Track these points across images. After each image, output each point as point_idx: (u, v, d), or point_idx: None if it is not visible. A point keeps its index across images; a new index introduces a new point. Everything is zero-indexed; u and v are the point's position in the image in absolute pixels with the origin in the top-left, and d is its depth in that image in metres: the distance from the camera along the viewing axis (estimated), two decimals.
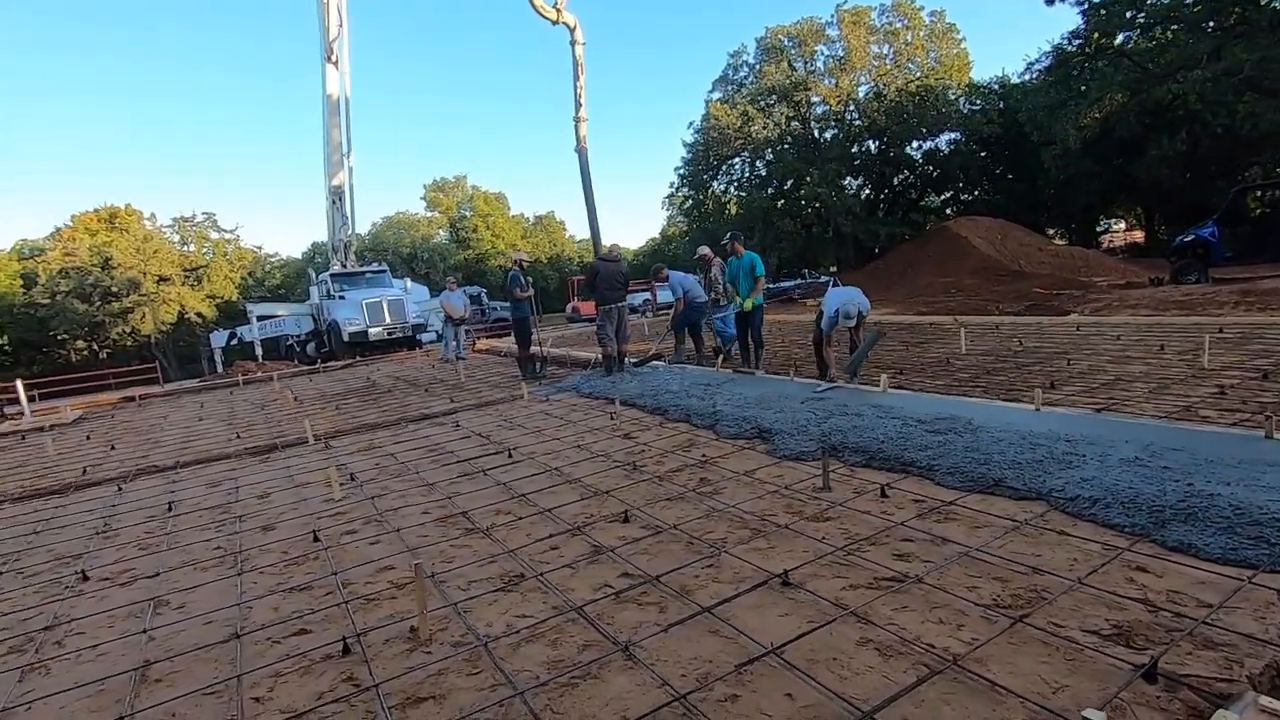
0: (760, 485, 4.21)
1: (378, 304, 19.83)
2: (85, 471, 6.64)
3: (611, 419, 6.51)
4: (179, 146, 78.42)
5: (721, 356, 8.83)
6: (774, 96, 27.38)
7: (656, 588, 3.00)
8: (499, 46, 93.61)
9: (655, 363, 9.12)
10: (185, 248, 39.70)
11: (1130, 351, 7.56)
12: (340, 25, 19.44)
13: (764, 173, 29.69)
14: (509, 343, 14.78)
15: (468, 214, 50.93)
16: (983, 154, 29.44)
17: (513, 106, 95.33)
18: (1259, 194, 17.39)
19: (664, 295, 31.92)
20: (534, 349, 10.18)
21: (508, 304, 11.58)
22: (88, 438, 8.73)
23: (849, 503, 3.77)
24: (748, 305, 8.23)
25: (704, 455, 4.98)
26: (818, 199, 25.16)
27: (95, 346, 36.71)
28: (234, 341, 25.34)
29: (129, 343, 36.27)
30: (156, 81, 73.83)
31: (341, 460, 6.02)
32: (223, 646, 2.87)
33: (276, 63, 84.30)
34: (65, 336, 35.36)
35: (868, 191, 31.41)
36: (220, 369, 25.02)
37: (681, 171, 30.66)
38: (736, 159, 29.53)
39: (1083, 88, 18.93)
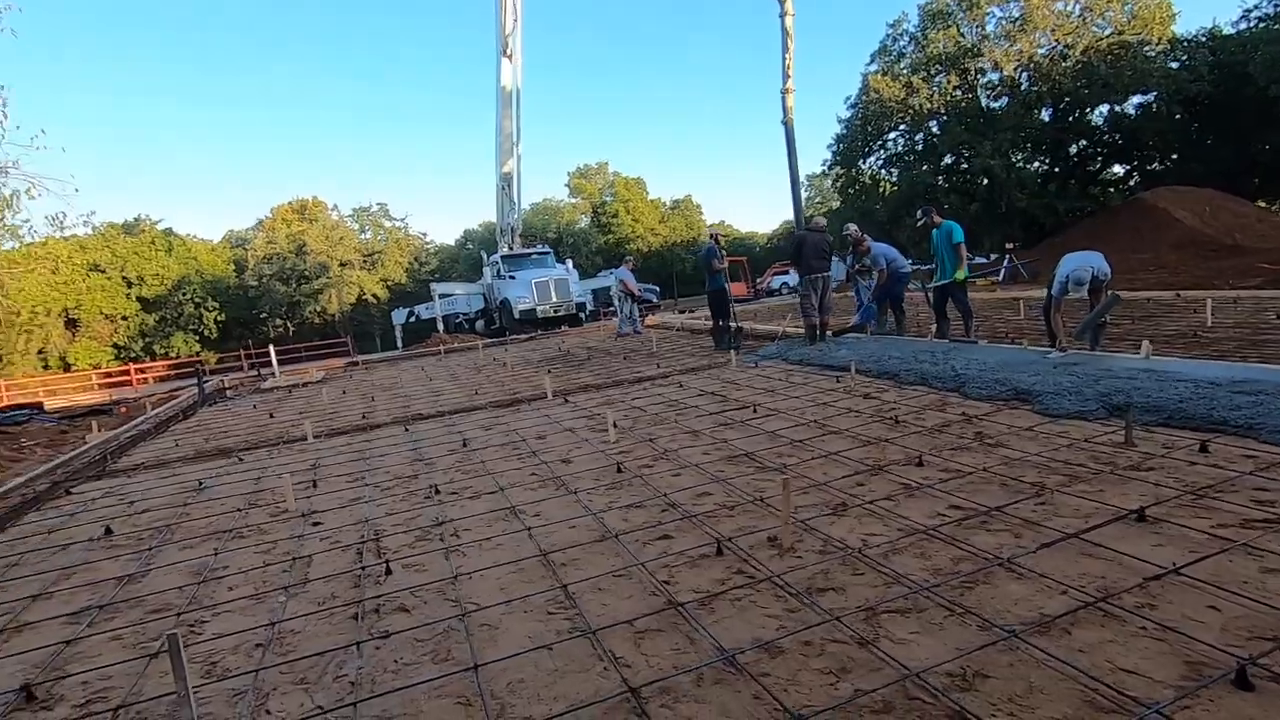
0: (1048, 440, 4.19)
1: (545, 283, 21.02)
2: (364, 416, 7.70)
3: (837, 381, 6.64)
4: (352, 143, 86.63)
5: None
6: (939, 65, 25.87)
7: (996, 518, 3.12)
8: (640, 35, 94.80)
9: (855, 335, 9.10)
10: (363, 235, 43.92)
11: None
12: (515, 20, 20.62)
13: (921, 148, 28.22)
14: (680, 317, 15.23)
15: (609, 199, 52.36)
16: (1180, 116, 26.19)
17: (653, 93, 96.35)
18: None
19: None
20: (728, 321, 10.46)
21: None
22: (344, 392, 10.06)
23: (1165, 456, 3.69)
24: (960, 276, 8.01)
25: (964, 413, 4.99)
26: (987, 172, 23.56)
27: (290, 324, 41.67)
28: (412, 319, 27.78)
29: (317, 320, 40.79)
30: (329, 85, 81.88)
31: (590, 411, 6.59)
32: (601, 544, 3.34)
33: (437, 61, 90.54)
34: (267, 315, 40.39)
35: (1039, 163, 28.97)
36: (400, 344, 27.58)
37: (834, 149, 29.79)
38: (893, 134, 28.27)
39: None
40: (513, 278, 21.84)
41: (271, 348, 13.29)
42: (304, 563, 3.53)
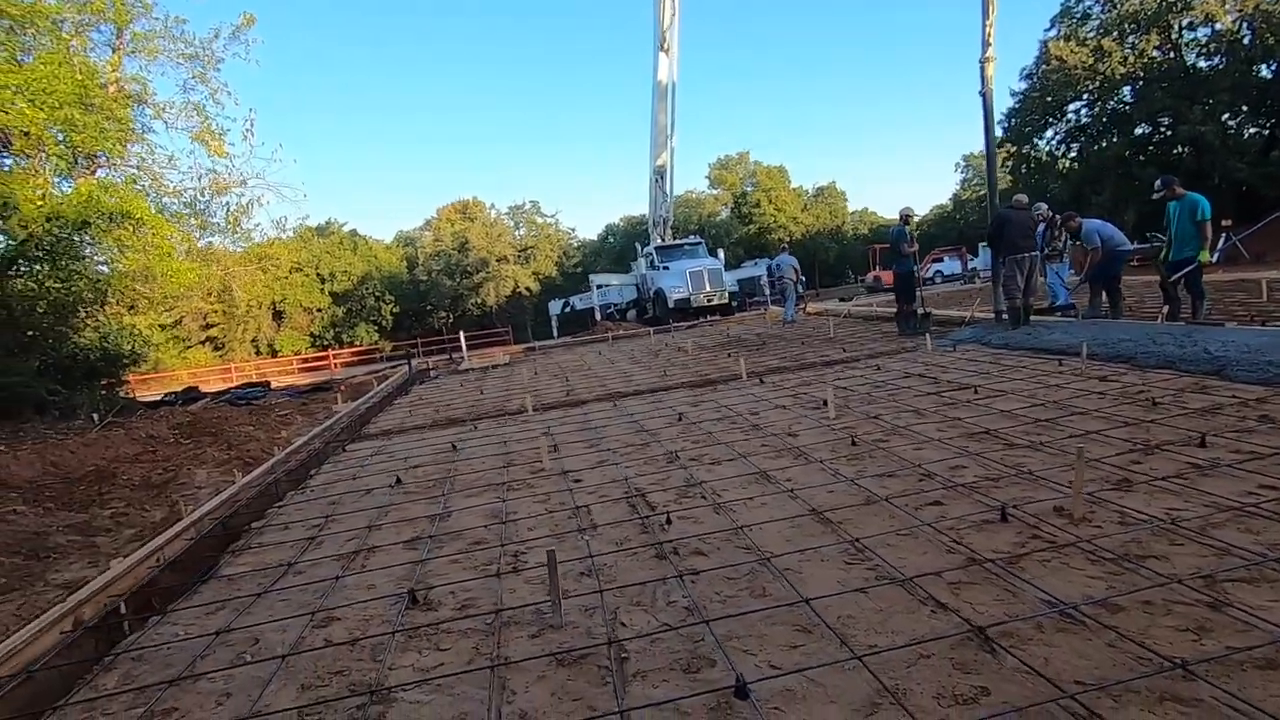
0: None
1: (700, 273, 21.30)
2: (568, 393, 8.31)
3: (1060, 364, 6.28)
4: (507, 145, 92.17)
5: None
6: (1134, 24, 23.17)
7: None
8: (779, 25, 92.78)
9: (1063, 318, 8.51)
10: (517, 232, 46.67)
11: None
12: (673, 14, 20.98)
13: (1107, 119, 25.40)
14: (845, 305, 14.92)
15: (749, 189, 51.83)
16: None
17: (791, 79, 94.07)
18: None
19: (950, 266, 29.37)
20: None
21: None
22: (535, 373, 10.87)
23: None
24: (1205, 258, 7.24)
25: (1235, 396, 4.58)
26: (1194, 141, 20.81)
27: (451, 315, 45.17)
28: (567, 309, 29.20)
29: (475, 312, 43.86)
30: (485, 90, 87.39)
31: (792, 390, 6.70)
32: (868, 507, 3.46)
33: (579, 64, 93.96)
34: (433, 307, 44.05)
35: (1257, 129, 25.12)
36: (555, 332, 29.07)
37: (1005, 125, 27.59)
38: (1075, 105, 25.72)
39: None
40: (666, 268, 22.33)
41: (462, 335, 14.64)
42: (584, 511, 3.95)
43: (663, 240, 24.44)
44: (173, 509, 5.28)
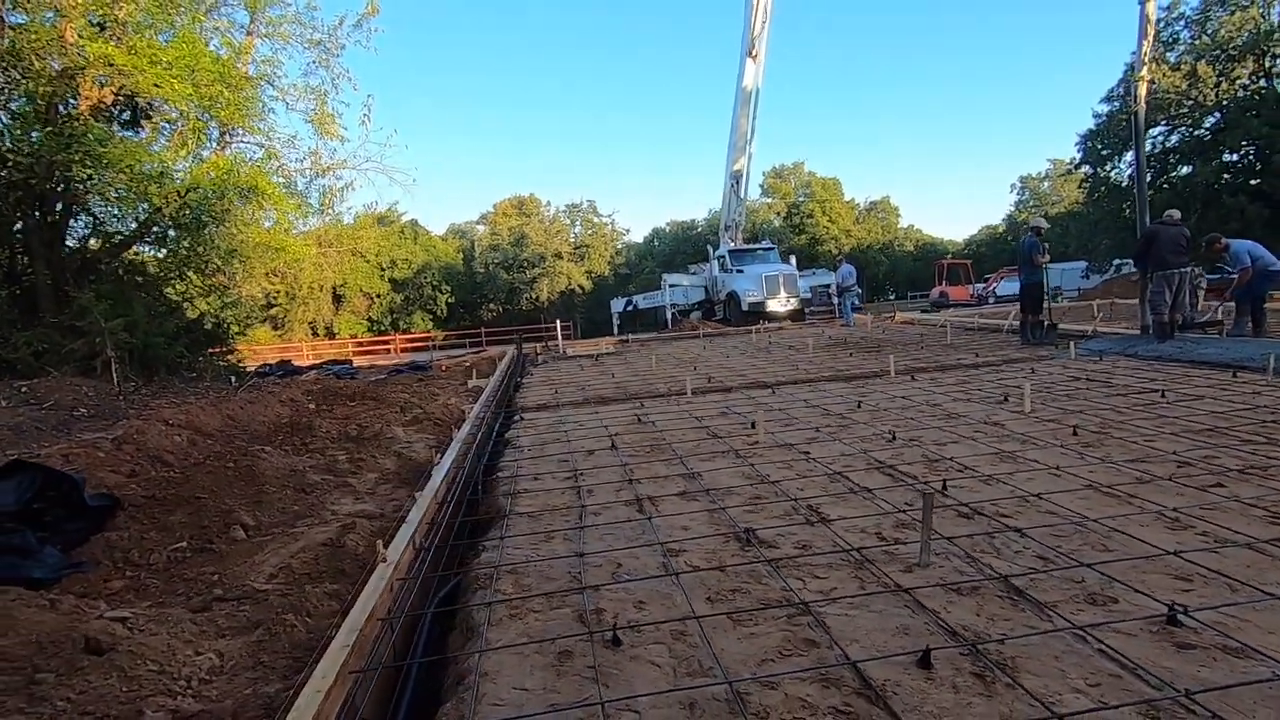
0: None
1: (775, 278, 21.49)
2: (709, 380, 8.57)
3: (1234, 376, 6.38)
4: (560, 143, 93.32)
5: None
6: (1231, 50, 22.86)
7: None
8: (834, 38, 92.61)
9: (1207, 332, 8.57)
10: (574, 230, 47.30)
11: None
12: (765, 21, 21.26)
13: (1190, 145, 24.99)
14: (924, 316, 14.99)
15: (803, 199, 51.86)
16: None
17: (843, 93, 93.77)
18: None
19: (1008, 287, 29.13)
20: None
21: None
22: (656, 361, 11.15)
23: None
24: None
25: None
26: None
27: (502, 308, 45.90)
28: (629, 307, 29.54)
29: (527, 307, 44.50)
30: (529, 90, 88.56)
31: (953, 387, 6.89)
32: (1148, 485, 3.65)
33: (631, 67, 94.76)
34: (486, 299, 44.81)
35: None
36: (616, 330, 29.43)
37: (1082, 146, 27.35)
38: (1158, 129, 25.39)
39: None
40: (740, 271, 22.55)
41: (559, 324, 15.05)
42: (840, 477, 4.20)
43: (734, 244, 24.67)
44: (399, 457, 5.65)
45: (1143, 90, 8.57)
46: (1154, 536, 3.00)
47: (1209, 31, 23.54)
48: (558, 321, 15.00)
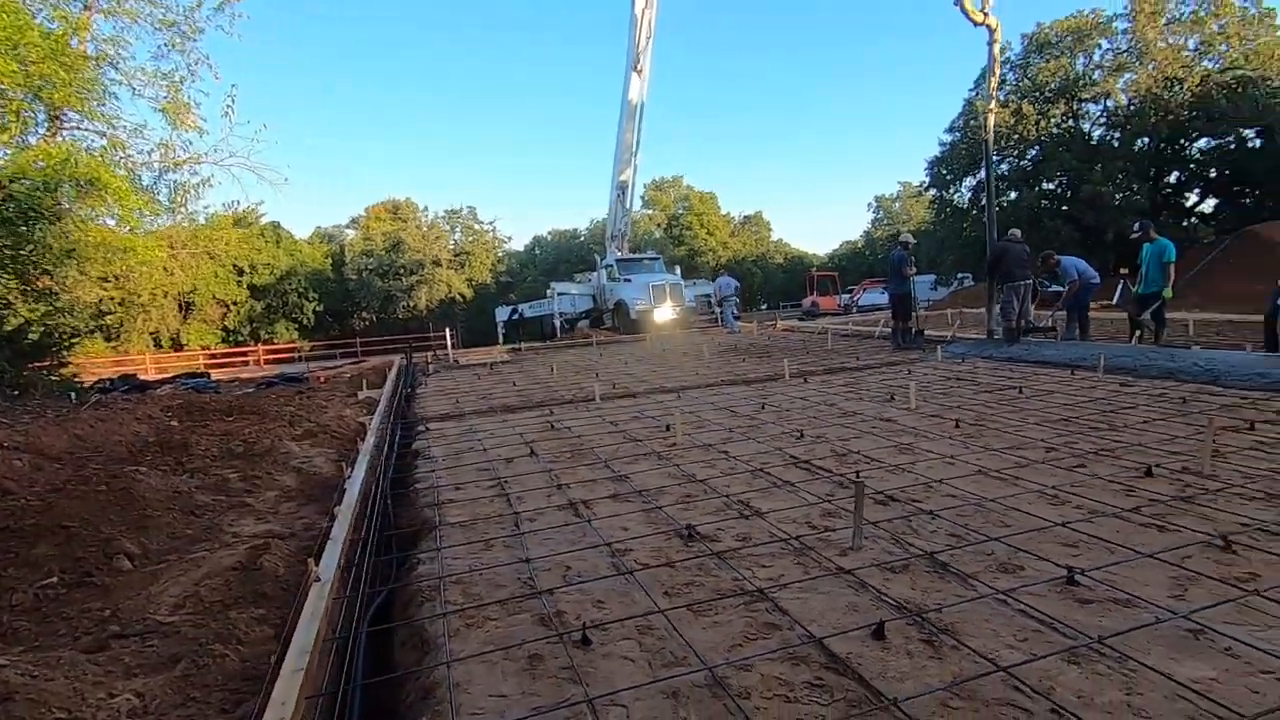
0: None
1: (662, 287, 21.98)
2: (614, 386, 8.66)
3: (1072, 374, 7.35)
4: (436, 148, 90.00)
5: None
6: (1047, 93, 26.28)
7: None
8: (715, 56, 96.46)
9: (1042, 338, 9.77)
10: (454, 237, 45.82)
11: None
12: (649, 36, 21.79)
13: (1016, 175, 28.44)
14: (803, 324, 15.97)
15: (681, 212, 53.47)
16: None
17: (717, 110, 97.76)
18: None
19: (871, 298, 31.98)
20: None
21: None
22: (553, 369, 11.07)
23: None
24: (1168, 294, 8.65)
25: (1242, 398, 5.68)
26: (1095, 200, 23.83)
27: (376, 317, 43.56)
28: (515, 316, 29.03)
29: (403, 315, 42.53)
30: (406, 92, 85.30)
31: (841, 389, 7.42)
32: (1040, 466, 4.15)
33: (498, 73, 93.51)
34: (358, 307, 42.37)
35: (1127, 192, 28.93)
36: (501, 339, 28.85)
37: (930, 171, 30.29)
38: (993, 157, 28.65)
39: None
40: (628, 280, 22.86)
41: (449, 333, 14.53)
42: (763, 473, 4.41)
43: (621, 253, 24.99)
44: (299, 473, 5.27)
45: (991, 121, 9.72)
46: (1041, 511, 3.42)
47: (1030, 75, 26.92)
48: (448, 330, 14.52)
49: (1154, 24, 24.30)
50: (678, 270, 25.17)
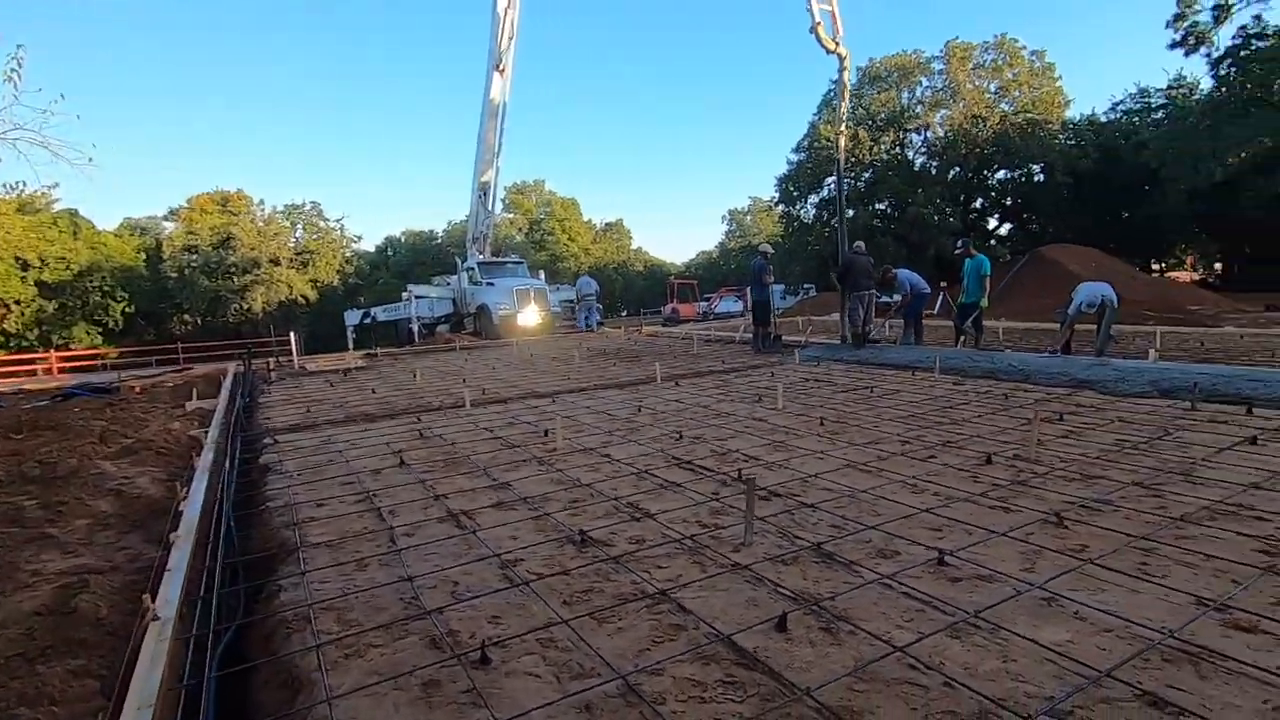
0: (1129, 409, 5.74)
1: (526, 291, 21.60)
2: (484, 392, 8.36)
3: (913, 374, 8.10)
4: (273, 137, 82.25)
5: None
6: (879, 121, 29.07)
7: (1148, 448, 4.56)
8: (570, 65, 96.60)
9: (876, 343, 10.71)
10: (295, 234, 42.17)
11: None
12: (511, 37, 21.41)
13: (855, 194, 31.18)
14: (666, 329, 16.41)
15: (543, 217, 53.09)
16: (1066, 185, 30.70)
17: (581, 118, 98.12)
18: None
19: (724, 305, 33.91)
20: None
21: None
22: (415, 375, 10.46)
23: (1223, 419, 5.30)
24: (984, 303, 9.81)
25: (1048, 393, 6.54)
26: (919, 220, 26.71)
27: (200, 321, 39.12)
28: (368, 320, 27.24)
29: (237, 319, 38.58)
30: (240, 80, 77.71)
31: (713, 391, 7.66)
32: (897, 458, 4.48)
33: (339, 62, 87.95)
34: (180, 309, 37.82)
35: (943, 215, 32.81)
36: (351, 345, 26.98)
37: (779, 188, 32.38)
38: (832, 179, 31.20)
39: (1218, 132, 20.27)
40: (491, 284, 22.24)
41: (293, 337, 13.26)
42: (648, 475, 4.42)
43: (483, 256, 24.29)
44: (119, 496, 4.53)
45: (843, 142, 10.55)
46: (906, 499, 3.69)
47: (864, 104, 29.63)
48: (292, 335, 13.28)
49: (964, 68, 27.70)
50: (541, 275, 24.90)
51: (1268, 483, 3.66)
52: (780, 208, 33.42)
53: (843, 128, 10.58)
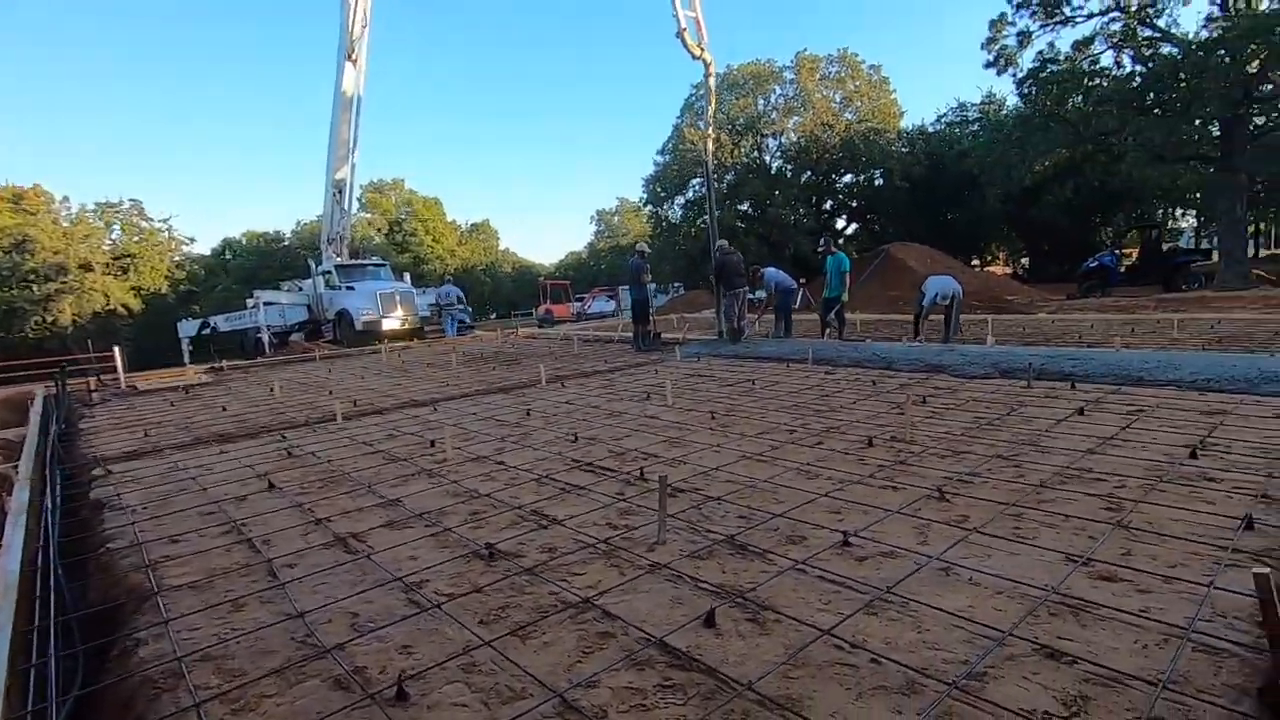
0: (978, 388, 6.38)
1: (391, 295, 20.46)
2: (355, 403, 7.79)
3: (788, 367, 8.51)
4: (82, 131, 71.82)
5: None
6: (738, 126, 30.39)
7: (1001, 422, 5.08)
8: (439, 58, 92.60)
9: (750, 338, 11.18)
10: (111, 236, 37.17)
11: (1109, 330, 10.49)
12: (364, 25, 20.17)
13: (719, 196, 32.45)
14: (544, 330, 16.25)
15: (404, 217, 50.62)
16: (903, 190, 33.79)
17: (441, 115, 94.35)
18: (1144, 231, 22.06)
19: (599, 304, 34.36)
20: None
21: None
22: (272, 390, 9.53)
23: (1054, 394, 6.03)
24: (845, 297, 10.53)
25: (909, 379, 7.12)
26: (778, 221, 28.28)
27: None
28: (206, 330, 24.60)
29: (39, 334, 33.42)
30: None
31: (601, 391, 7.63)
32: (789, 447, 4.66)
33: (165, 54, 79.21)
34: None
35: (798, 216, 35.07)
36: (187, 358, 24.29)
37: (646, 189, 32.98)
38: (697, 180, 32.23)
39: (1026, 143, 23.04)
40: (351, 288, 20.86)
41: (118, 352, 11.56)
42: (549, 481, 4.30)
43: (340, 258, 22.70)
44: None
45: (711, 145, 10.91)
46: (803, 485, 3.85)
47: (724, 109, 30.85)
48: (117, 350, 11.63)
49: (812, 78, 29.64)
50: (406, 277, 23.72)
51: (1099, 448, 4.18)
52: (649, 208, 34.05)
53: (710, 131, 10.93)
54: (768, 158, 32.69)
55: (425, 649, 2.36)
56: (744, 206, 31.14)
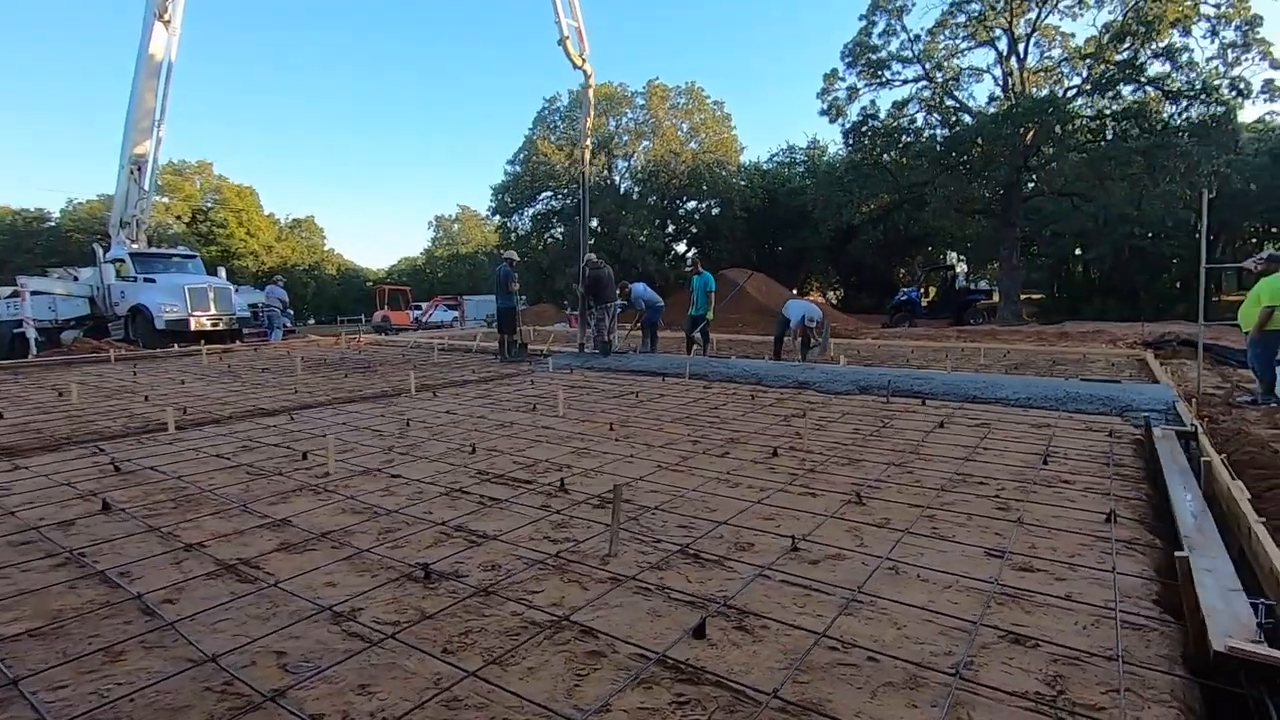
0: (844, 403, 6.94)
1: (203, 291, 18.01)
2: (185, 413, 6.72)
3: (663, 380, 8.67)
4: None
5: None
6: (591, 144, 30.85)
7: (873, 435, 5.56)
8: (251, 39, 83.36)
9: (622, 351, 11.29)
10: None
11: (928, 356, 11.95)
12: None
13: (563, 209, 32.60)
14: (412, 337, 15.30)
15: (212, 205, 45.02)
16: (741, 219, 36.28)
17: (263, 99, 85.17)
18: (939, 272, 25.50)
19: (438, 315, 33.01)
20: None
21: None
22: (63, 395, 7.92)
23: (911, 410, 6.71)
24: (710, 316, 10.98)
25: (781, 394, 7.56)
26: (628, 239, 28.97)
27: None
28: None
29: None
30: None
31: (480, 400, 7.26)
32: (696, 458, 4.71)
33: None
34: None
35: (645, 236, 36.34)
36: None
37: (495, 199, 32.22)
38: (548, 192, 32.18)
39: (856, 186, 25.69)
40: (151, 280, 18.05)
41: None
42: (459, 492, 3.98)
43: (137, 245, 19.58)
44: None
45: (587, 156, 10.91)
46: (729, 493, 3.91)
47: (577, 127, 31.15)
48: None
49: (662, 106, 30.91)
50: (221, 272, 21.04)
51: (972, 455, 4.71)
52: (497, 218, 33.32)
53: (587, 143, 10.94)
54: (617, 177, 33.50)
55: (389, 687, 2.05)
56: (594, 223, 31.53)
